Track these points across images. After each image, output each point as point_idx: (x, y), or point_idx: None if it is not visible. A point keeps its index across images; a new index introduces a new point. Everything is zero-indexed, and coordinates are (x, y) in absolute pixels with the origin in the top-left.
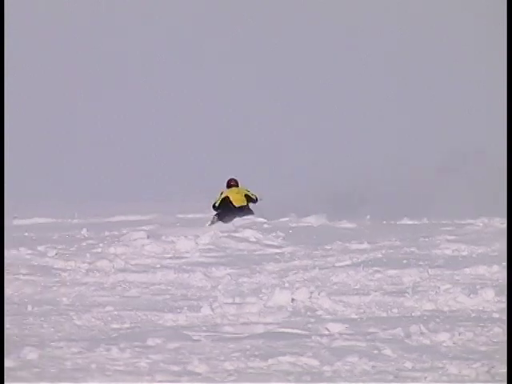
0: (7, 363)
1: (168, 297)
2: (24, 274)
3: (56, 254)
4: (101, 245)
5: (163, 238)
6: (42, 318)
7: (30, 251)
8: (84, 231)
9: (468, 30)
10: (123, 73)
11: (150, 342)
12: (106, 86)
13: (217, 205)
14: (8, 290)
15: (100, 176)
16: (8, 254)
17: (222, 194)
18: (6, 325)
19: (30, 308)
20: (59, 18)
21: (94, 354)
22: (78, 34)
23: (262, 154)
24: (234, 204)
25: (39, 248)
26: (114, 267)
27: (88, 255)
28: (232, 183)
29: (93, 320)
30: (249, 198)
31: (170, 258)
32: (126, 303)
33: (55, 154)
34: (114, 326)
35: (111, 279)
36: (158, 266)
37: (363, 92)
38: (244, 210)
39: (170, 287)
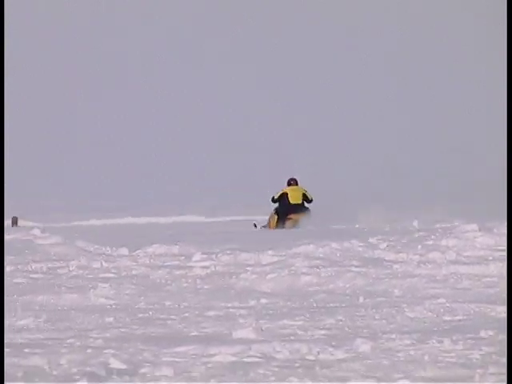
0: (338, 355)
1: (499, 289)
2: (356, 266)
3: (387, 246)
4: (432, 237)
5: (495, 230)
6: (374, 310)
7: (361, 243)
8: (415, 223)
9: (468, 30)
10: (123, 73)
11: (482, 334)
12: (106, 86)
13: (276, 197)
14: (339, 282)
15: (100, 176)
16: (340, 246)
17: (282, 190)
18: (339, 316)
19: (361, 300)
20: (59, 18)
21: (426, 346)
22: (78, 34)
23: (262, 153)
24: (290, 201)
25: (370, 240)
26: (446, 259)
27: (419, 247)
28: (292, 182)
29: (425, 312)
30: (305, 197)
31: (503, 250)
32: (457, 295)
33: (55, 154)
34: (446, 317)
35: (443, 271)
36: (491, 258)
37: (363, 92)
38: (298, 208)
39: (502, 280)
